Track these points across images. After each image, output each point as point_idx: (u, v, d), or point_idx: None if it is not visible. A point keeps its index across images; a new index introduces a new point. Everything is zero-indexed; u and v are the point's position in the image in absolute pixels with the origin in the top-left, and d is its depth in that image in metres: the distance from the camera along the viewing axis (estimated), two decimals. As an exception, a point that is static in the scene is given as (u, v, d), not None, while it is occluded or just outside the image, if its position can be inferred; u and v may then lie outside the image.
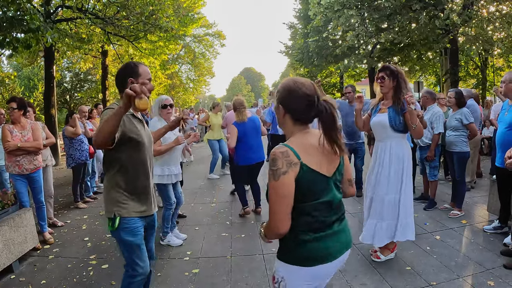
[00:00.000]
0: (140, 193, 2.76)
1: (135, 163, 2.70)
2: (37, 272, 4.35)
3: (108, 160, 2.70)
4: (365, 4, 17.38)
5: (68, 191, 8.06)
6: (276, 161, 1.77)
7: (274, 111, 7.92)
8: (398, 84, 3.97)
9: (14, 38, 8.30)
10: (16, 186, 5.03)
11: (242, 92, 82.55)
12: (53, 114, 13.42)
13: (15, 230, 4.37)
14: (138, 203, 2.74)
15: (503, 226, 4.84)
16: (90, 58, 20.92)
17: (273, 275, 2.06)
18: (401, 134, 4.03)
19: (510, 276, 3.69)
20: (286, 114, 1.95)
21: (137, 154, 2.70)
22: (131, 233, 2.70)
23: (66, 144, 6.94)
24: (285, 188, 1.76)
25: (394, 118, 3.96)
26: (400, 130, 3.98)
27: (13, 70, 29.90)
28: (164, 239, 5.06)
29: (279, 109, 1.98)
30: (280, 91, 1.96)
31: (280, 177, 1.75)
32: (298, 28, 30.04)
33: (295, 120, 1.94)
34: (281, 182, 1.75)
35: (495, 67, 24.67)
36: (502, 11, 15.68)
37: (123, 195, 2.68)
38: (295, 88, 1.91)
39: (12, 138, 4.95)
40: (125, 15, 12.73)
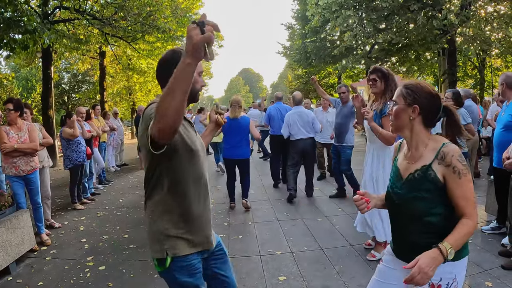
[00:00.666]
0: (198, 220, 2.07)
1: (191, 179, 2.04)
2: (34, 274, 4.33)
3: (153, 176, 1.97)
4: (363, 4, 17.38)
5: (65, 192, 8.04)
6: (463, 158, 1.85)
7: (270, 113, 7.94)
8: (387, 86, 4.03)
9: (12, 39, 8.28)
10: (13, 188, 5.00)
11: (240, 93, 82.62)
12: (51, 115, 13.39)
13: (12, 232, 4.36)
14: (196, 235, 2.06)
15: (501, 227, 4.84)
16: (88, 59, 20.93)
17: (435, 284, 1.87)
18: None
19: (508, 276, 3.69)
20: (418, 116, 1.96)
21: (193, 168, 2.03)
22: (187, 272, 2.03)
23: (63, 146, 6.92)
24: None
25: (374, 120, 4.02)
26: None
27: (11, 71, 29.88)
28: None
29: (408, 110, 1.98)
30: (418, 93, 1.97)
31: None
32: (296, 28, 30.04)
33: (427, 122, 1.98)
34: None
35: (493, 68, 24.69)
36: (500, 11, 15.70)
37: (177, 225, 1.98)
38: (434, 92, 1.98)
39: (9, 139, 4.93)
40: (123, 16, 12.74)
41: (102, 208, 7.20)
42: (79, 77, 28.75)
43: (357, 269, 4.08)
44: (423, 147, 1.95)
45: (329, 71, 30.60)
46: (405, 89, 2.00)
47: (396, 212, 2.07)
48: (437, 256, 1.68)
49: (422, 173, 1.89)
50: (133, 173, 11.20)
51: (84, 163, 7.18)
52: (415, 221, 1.91)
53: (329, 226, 5.60)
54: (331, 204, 6.75)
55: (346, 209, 6.32)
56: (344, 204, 6.68)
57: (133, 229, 5.87)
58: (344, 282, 3.79)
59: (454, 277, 1.87)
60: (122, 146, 12.87)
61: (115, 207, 7.21)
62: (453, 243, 1.71)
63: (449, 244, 1.70)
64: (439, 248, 1.69)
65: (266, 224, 5.85)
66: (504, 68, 23.88)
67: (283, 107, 8.33)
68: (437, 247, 1.70)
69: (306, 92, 32.34)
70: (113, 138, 11.44)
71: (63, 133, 6.80)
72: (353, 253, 4.52)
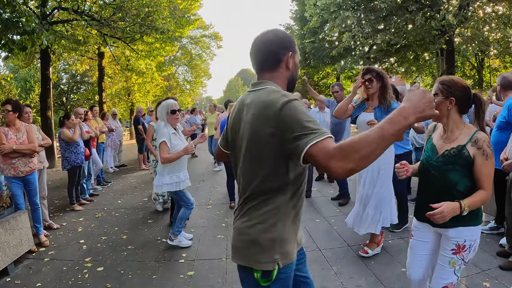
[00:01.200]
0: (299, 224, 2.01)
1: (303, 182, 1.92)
2: (33, 275, 4.32)
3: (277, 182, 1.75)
4: (361, 5, 17.40)
5: (64, 193, 8.04)
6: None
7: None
8: (384, 84, 4.18)
9: (10, 40, 8.29)
10: (12, 189, 5.00)
11: (238, 93, 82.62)
12: (50, 116, 13.39)
13: (10, 233, 4.36)
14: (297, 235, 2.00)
15: (499, 227, 4.85)
16: (86, 60, 20.93)
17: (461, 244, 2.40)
18: None
19: (506, 277, 3.70)
20: (454, 107, 2.44)
21: (303, 170, 1.85)
22: (287, 283, 1.86)
23: (62, 147, 6.91)
24: None
25: (381, 117, 4.09)
26: None
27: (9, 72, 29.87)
28: (174, 239, 4.96)
29: (446, 102, 2.43)
30: (453, 87, 2.42)
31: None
32: (294, 29, 30.08)
33: (461, 110, 2.47)
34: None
35: (491, 68, 24.73)
36: (498, 12, 15.73)
37: (290, 232, 1.85)
38: (466, 85, 2.45)
39: (7, 140, 4.92)
40: (121, 16, 12.75)
41: (100, 209, 7.19)
42: (78, 78, 28.68)
43: (355, 270, 4.08)
44: (458, 131, 2.44)
45: (328, 71, 30.61)
46: (442, 85, 2.45)
47: (430, 181, 2.53)
48: (456, 208, 2.20)
49: (457, 151, 2.39)
50: (132, 174, 11.19)
51: (82, 164, 7.18)
52: (447, 189, 2.41)
53: (327, 227, 5.60)
54: (329, 205, 6.74)
55: (344, 210, 6.31)
56: (343, 205, 6.68)
57: (131, 230, 5.87)
58: (342, 283, 3.80)
59: (474, 239, 2.41)
60: (121, 147, 12.86)
61: (114, 208, 7.20)
62: (470, 204, 2.25)
63: (467, 203, 2.24)
64: (460, 203, 2.22)
65: (264, 225, 5.83)
66: (502, 69, 23.90)
67: None
68: (458, 202, 2.22)
69: (304, 92, 32.29)
70: (112, 139, 11.43)
71: (62, 134, 6.79)
72: (351, 254, 4.52)
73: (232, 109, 1.98)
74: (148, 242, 5.27)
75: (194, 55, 37.65)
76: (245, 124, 1.78)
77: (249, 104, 1.78)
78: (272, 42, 1.84)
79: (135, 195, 8.27)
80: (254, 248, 1.77)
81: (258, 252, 1.76)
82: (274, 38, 1.85)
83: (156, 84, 26.02)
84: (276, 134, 1.61)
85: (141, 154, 12.01)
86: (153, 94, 27.45)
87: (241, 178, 1.87)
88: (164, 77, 28.82)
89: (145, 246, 5.12)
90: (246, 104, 1.81)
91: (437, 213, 2.15)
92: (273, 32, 1.88)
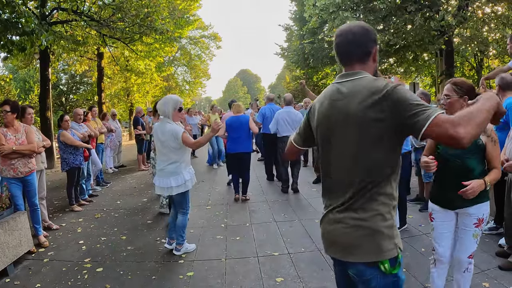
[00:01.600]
0: None
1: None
2: (32, 276, 4.32)
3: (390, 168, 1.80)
4: (360, 6, 17.39)
5: (63, 194, 8.04)
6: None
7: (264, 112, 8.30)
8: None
9: (9, 40, 8.28)
10: (11, 190, 4.98)
11: (238, 94, 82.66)
12: (49, 116, 13.38)
13: (9, 234, 4.35)
14: None
15: (498, 227, 4.86)
16: (85, 60, 20.94)
17: (480, 218, 2.92)
18: None
19: (505, 277, 3.70)
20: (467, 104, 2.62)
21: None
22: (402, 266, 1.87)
23: (61, 148, 6.91)
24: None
25: None
26: None
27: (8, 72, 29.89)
28: (181, 249, 4.80)
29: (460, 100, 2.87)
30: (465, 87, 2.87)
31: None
32: (293, 30, 30.13)
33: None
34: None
35: (490, 68, 24.73)
36: (497, 12, 15.73)
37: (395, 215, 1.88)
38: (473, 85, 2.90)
39: (6, 141, 4.91)
40: (120, 17, 12.74)
41: (99, 209, 7.19)
42: (77, 78, 28.70)
43: (355, 270, 4.08)
44: None
45: (327, 72, 30.61)
46: (455, 86, 2.89)
47: (451, 169, 2.92)
48: (482, 184, 2.74)
49: (475, 141, 2.75)
50: (131, 175, 11.19)
51: (81, 165, 7.17)
52: (466, 174, 2.82)
53: (327, 227, 5.59)
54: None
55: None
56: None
57: (131, 230, 5.87)
58: (342, 283, 3.79)
59: (488, 212, 2.96)
60: (120, 147, 12.85)
61: (113, 209, 7.20)
62: (490, 180, 2.82)
63: (488, 180, 2.80)
64: (484, 180, 2.77)
65: (263, 226, 5.85)
66: (501, 69, 23.89)
67: (275, 108, 8.97)
68: (483, 179, 2.77)
69: (304, 93, 32.32)
70: (111, 140, 11.43)
71: (61, 136, 6.78)
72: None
73: (318, 105, 1.98)
74: (147, 243, 5.27)
75: (193, 56, 37.67)
76: (348, 114, 1.77)
77: (349, 93, 1.79)
78: (362, 34, 1.87)
79: (134, 196, 8.27)
80: (378, 239, 1.76)
81: (382, 242, 1.75)
82: (363, 30, 1.88)
83: (156, 85, 26.02)
84: (386, 119, 1.66)
85: (140, 155, 12.01)
86: (153, 94, 27.45)
87: (342, 172, 1.85)
88: (163, 78, 28.85)
89: (144, 247, 5.12)
90: (344, 93, 1.82)
91: (469, 189, 2.67)
92: (360, 25, 1.91)
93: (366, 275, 1.79)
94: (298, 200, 7.31)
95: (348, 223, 1.81)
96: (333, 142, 1.87)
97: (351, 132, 1.76)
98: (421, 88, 22.76)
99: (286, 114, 7.93)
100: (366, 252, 1.76)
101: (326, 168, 1.97)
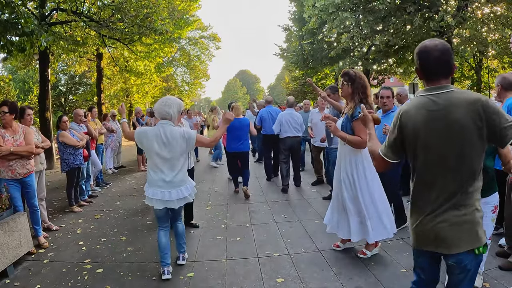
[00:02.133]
0: None
1: None
2: (32, 277, 4.31)
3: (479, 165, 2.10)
4: (359, 6, 17.43)
5: (63, 194, 8.03)
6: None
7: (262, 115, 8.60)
8: (354, 89, 4.15)
9: (9, 41, 8.26)
10: (10, 191, 4.94)
11: (237, 94, 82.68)
12: (48, 117, 13.36)
13: (9, 235, 4.35)
14: None
15: (498, 227, 4.85)
16: (85, 61, 20.94)
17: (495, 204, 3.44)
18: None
19: (506, 277, 3.71)
20: None
21: None
22: None
23: (60, 149, 6.89)
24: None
25: (346, 124, 4.19)
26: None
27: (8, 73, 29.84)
28: (186, 256, 4.62)
29: None
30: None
31: None
32: (293, 30, 30.14)
33: None
34: None
35: (489, 69, 24.78)
36: (496, 13, 15.77)
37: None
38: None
39: (4, 142, 4.89)
40: (120, 18, 12.73)
41: (99, 210, 7.19)
42: (76, 79, 28.72)
43: (355, 271, 4.08)
44: None
45: (326, 72, 30.67)
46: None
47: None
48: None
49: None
50: (131, 175, 11.19)
51: (81, 166, 7.17)
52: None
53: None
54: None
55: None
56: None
57: (130, 231, 5.86)
58: (342, 284, 3.80)
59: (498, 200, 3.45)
60: (120, 148, 12.84)
61: (113, 210, 7.19)
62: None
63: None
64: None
65: (263, 226, 5.85)
66: (500, 69, 23.97)
67: (273, 110, 9.34)
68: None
69: (303, 94, 32.40)
70: (112, 140, 11.43)
71: (60, 137, 6.78)
72: (351, 255, 4.53)
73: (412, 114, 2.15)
74: (147, 244, 5.26)
75: (193, 56, 37.73)
76: (453, 122, 2.01)
77: (448, 104, 2.03)
78: (450, 53, 2.11)
79: (134, 197, 8.26)
80: (476, 229, 2.07)
81: (479, 231, 2.08)
82: (447, 48, 2.10)
83: (155, 85, 26.07)
84: (483, 127, 1.97)
85: (140, 155, 11.98)
86: (152, 95, 27.49)
87: (444, 174, 2.08)
88: (162, 78, 28.87)
89: (144, 248, 5.11)
90: (441, 104, 2.05)
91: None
92: (443, 43, 2.12)
93: (465, 261, 2.09)
94: (298, 200, 7.31)
95: (452, 221, 2.07)
96: (434, 147, 2.09)
97: (455, 137, 2.02)
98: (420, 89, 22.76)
99: (289, 115, 8.21)
100: (468, 242, 2.07)
101: (425, 172, 2.16)
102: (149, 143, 3.98)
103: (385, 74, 24.21)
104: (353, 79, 4.14)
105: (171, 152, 3.98)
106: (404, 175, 7.25)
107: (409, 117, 2.14)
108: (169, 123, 4.05)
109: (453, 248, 2.09)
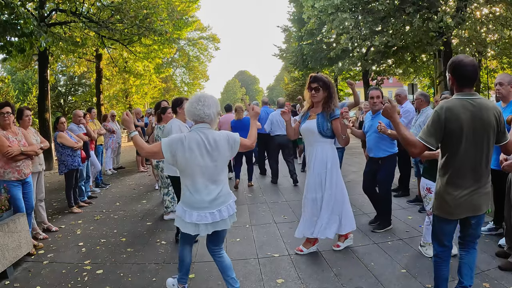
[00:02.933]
0: None
1: None
2: (32, 278, 4.31)
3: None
4: (359, 7, 17.44)
5: (62, 195, 8.02)
6: None
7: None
8: (330, 94, 4.40)
9: (8, 42, 8.26)
10: (13, 192, 4.86)
11: (236, 95, 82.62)
12: (47, 118, 13.36)
13: (9, 236, 4.34)
14: None
15: (497, 228, 4.86)
16: (84, 62, 20.90)
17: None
18: (328, 139, 4.45)
19: (505, 277, 3.71)
20: None
21: None
22: None
23: (58, 151, 6.87)
24: None
25: (322, 124, 4.37)
26: (328, 135, 4.41)
27: (7, 73, 29.83)
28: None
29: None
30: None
31: None
32: (292, 31, 30.15)
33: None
34: None
35: (488, 69, 24.80)
36: (495, 13, 15.79)
37: None
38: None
39: (10, 143, 4.87)
40: (119, 18, 12.74)
41: (99, 211, 7.18)
42: (75, 80, 28.74)
43: (355, 272, 4.08)
44: None
45: (326, 73, 30.61)
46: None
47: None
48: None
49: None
50: (130, 176, 11.18)
51: (79, 167, 7.16)
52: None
53: (327, 228, 5.60)
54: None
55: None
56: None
57: (130, 232, 5.86)
58: (342, 284, 3.80)
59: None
60: (119, 149, 12.82)
61: (112, 210, 7.19)
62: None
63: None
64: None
65: (263, 227, 5.85)
66: (500, 70, 23.97)
67: (270, 111, 10.02)
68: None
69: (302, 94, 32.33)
70: (112, 141, 11.42)
71: (58, 138, 6.76)
72: (351, 256, 4.53)
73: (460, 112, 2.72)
74: (147, 245, 5.26)
75: (192, 57, 37.75)
76: (486, 121, 2.74)
77: (481, 107, 2.74)
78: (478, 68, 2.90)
79: (133, 197, 8.26)
80: (489, 197, 2.98)
81: (489, 199, 2.99)
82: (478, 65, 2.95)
83: (154, 86, 26.03)
84: (496, 126, 2.80)
85: (139, 156, 11.97)
86: (151, 96, 27.47)
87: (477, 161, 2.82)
88: (161, 79, 28.84)
89: (144, 249, 5.11)
90: (476, 106, 2.74)
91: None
92: (475, 60, 2.84)
93: (481, 219, 3.01)
94: (298, 201, 7.29)
95: (482, 192, 2.88)
96: (473, 140, 2.76)
97: (487, 133, 2.77)
98: (420, 90, 22.80)
99: (279, 115, 8.60)
100: (486, 206, 2.94)
101: (464, 160, 2.80)
102: (189, 154, 3.13)
103: (384, 74, 24.23)
104: (328, 85, 4.39)
105: (217, 162, 3.24)
106: (404, 175, 7.30)
107: (455, 113, 2.72)
108: (209, 126, 3.32)
109: (477, 211, 2.90)
